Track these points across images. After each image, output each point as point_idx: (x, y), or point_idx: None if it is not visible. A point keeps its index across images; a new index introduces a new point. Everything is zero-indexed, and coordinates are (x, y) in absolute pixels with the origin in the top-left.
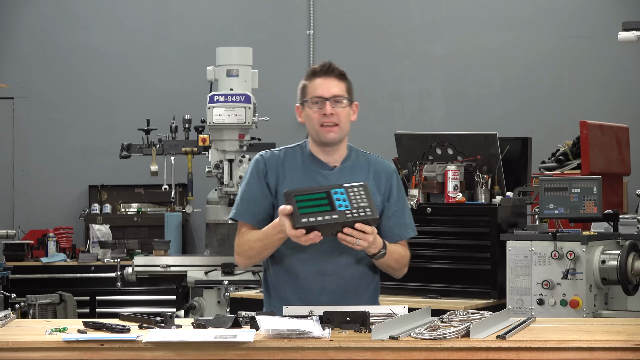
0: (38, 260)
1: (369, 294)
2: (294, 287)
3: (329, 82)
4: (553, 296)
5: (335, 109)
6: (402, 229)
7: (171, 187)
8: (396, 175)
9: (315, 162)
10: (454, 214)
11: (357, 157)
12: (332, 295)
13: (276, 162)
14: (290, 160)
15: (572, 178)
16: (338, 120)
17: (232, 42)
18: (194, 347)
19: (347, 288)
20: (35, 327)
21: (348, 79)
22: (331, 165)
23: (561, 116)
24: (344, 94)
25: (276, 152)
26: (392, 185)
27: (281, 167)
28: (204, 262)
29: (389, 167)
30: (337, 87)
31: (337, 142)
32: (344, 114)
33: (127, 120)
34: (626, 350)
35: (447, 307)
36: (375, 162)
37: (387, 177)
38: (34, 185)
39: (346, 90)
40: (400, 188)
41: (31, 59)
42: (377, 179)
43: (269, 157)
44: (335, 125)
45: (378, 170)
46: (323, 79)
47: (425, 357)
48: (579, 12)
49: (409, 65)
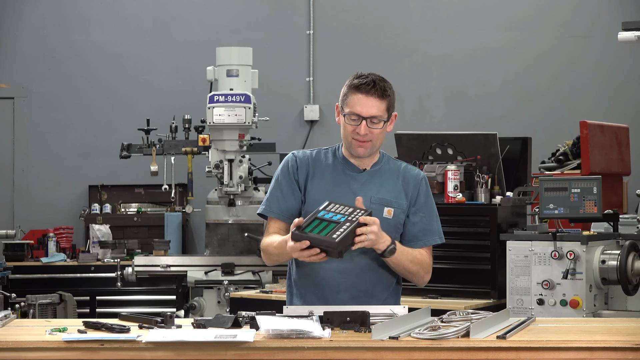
0: (38, 260)
1: (386, 296)
2: (313, 284)
3: (369, 102)
4: (553, 296)
5: (370, 129)
6: (428, 235)
7: (171, 187)
8: (425, 183)
9: (345, 165)
10: (454, 214)
11: (388, 162)
12: (349, 293)
13: (307, 161)
14: (322, 160)
15: (572, 178)
16: (371, 137)
17: (232, 42)
18: (194, 347)
19: (364, 288)
20: (35, 327)
21: (391, 94)
22: (361, 169)
23: (561, 116)
24: (382, 115)
25: (308, 152)
26: (419, 191)
27: (312, 166)
28: (204, 262)
29: (418, 174)
30: (377, 107)
31: (366, 157)
32: (378, 132)
33: (127, 120)
34: (626, 350)
35: (447, 307)
36: (405, 169)
37: (415, 183)
38: (34, 185)
39: (386, 108)
40: (428, 195)
41: (31, 59)
42: (406, 185)
43: (301, 155)
44: (368, 141)
45: (407, 177)
46: (364, 96)
47: (425, 357)
48: (579, 12)
49: (409, 65)
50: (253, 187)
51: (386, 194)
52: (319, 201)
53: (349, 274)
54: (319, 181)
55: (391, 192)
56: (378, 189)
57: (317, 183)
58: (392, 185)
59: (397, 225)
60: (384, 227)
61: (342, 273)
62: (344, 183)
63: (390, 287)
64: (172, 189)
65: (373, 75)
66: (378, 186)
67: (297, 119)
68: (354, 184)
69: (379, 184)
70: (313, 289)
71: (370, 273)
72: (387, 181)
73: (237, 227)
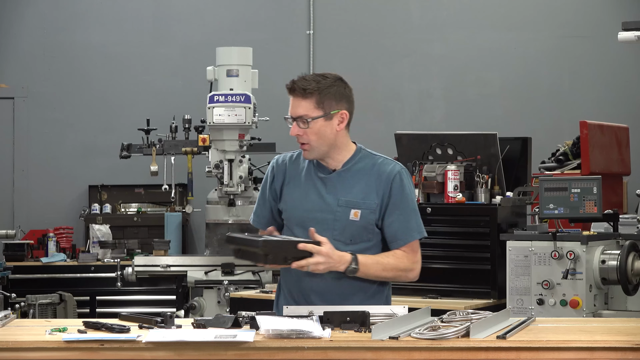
0: (38, 260)
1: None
2: (292, 285)
3: (294, 102)
4: (553, 296)
5: (302, 129)
6: (406, 234)
7: (171, 187)
8: (399, 177)
9: (317, 167)
10: (454, 214)
11: (363, 159)
12: (322, 297)
13: (284, 167)
14: (299, 163)
15: (572, 178)
16: (306, 139)
17: (232, 42)
18: (194, 347)
19: (340, 292)
20: (35, 327)
21: (320, 91)
22: (331, 169)
23: (561, 116)
24: (309, 114)
25: (289, 155)
26: (392, 188)
27: (288, 170)
28: (204, 262)
29: (391, 170)
30: (302, 107)
31: (314, 158)
32: (314, 132)
33: (127, 120)
34: (626, 350)
35: (447, 307)
36: (380, 165)
37: (387, 179)
38: (34, 185)
39: (314, 106)
40: (402, 190)
41: (31, 59)
42: (378, 181)
43: (280, 161)
44: (306, 144)
45: (380, 172)
46: (291, 98)
47: (425, 357)
48: (579, 12)
49: (409, 65)
50: (253, 187)
51: (355, 195)
52: (293, 206)
53: (321, 278)
54: (293, 187)
55: (361, 192)
56: (346, 191)
57: (291, 189)
58: (362, 185)
59: (366, 226)
60: (352, 230)
61: (314, 277)
62: (313, 187)
63: (369, 291)
64: (172, 189)
65: (304, 75)
66: (347, 187)
67: None
68: (322, 187)
69: (348, 185)
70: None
71: (347, 278)
72: (358, 181)
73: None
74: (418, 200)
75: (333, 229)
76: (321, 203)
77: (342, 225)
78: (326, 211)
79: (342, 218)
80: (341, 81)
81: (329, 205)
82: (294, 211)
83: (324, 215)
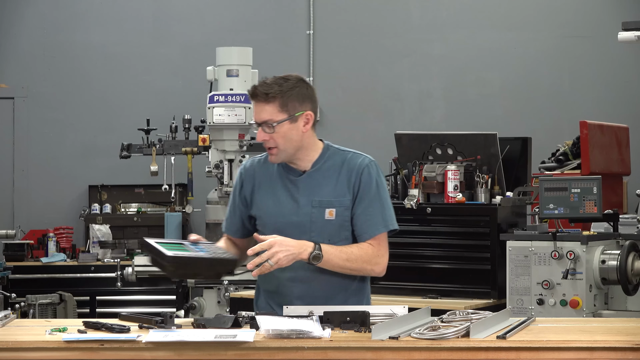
0: (38, 260)
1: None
2: (271, 292)
3: (258, 107)
4: (553, 296)
5: (268, 134)
6: (371, 227)
7: (171, 187)
8: (368, 170)
9: (287, 169)
10: (454, 214)
11: (332, 157)
12: (303, 301)
13: (252, 173)
14: (268, 167)
15: (572, 178)
16: (274, 143)
17: (232, 42)
18: (194, 347)
19: (319, 294)
20: (35, 327)
21: (283, 93)
22: (301, 170)
23: (561, 116)
24: (274, 118)
25: (257, 160)
26: (360, 181)
27: (257, 176)
28: None
29: (360, 163)
30: (266, 111)
31: (282, 162)
32: (280, 135)
33: (127, 120)
34: (626, 350)
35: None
36: (349, 160)
37: (356, 173)
38: (34, 185)
39: (278, 110)
40: (370, 182)
41: (31, 59)
42: (348, 176)
43: (247, 167)
44: (274, 148)
45: (350, 167)
46: (254, 103)
47: (425, 357)
48: (579, 12)
49: (409, 65)
50: None
51: (328, 194)
52: (267, 212)
53: (301, 281)
54: (264, 191)
55: (333, 190)
56: (319, 191)
57: (263, 194)
58: (334, 183)
59: (342, 224)
60: (329, 229)
61: (294, 281)
62: (286, 190)
63: (349, 288)
64: (172, 189)
65: (265, 79)
66: (319, 187)
67: None
68: (294, 189)
69: (320, 184)
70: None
71: (323, 278)
72: (329, 179)
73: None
74: (418, 200)
75: (310, 231)
76: (295, 206)
77: (319, 226)
78: (301, 214)
79: (317, 219)
80: (303, 82)
81: (303, 208)
82: (269, 217)
83: (300, 219)
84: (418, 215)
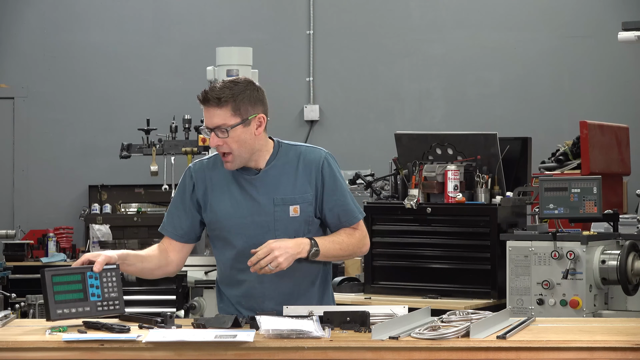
0: (38, 260)
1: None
2: (239, 296)
3: (209, 112)
4: (553, 296)
5: (222, 139)
6: (349, 216)
7: (171, 187)
8: (327, 163)
9: (241, 169)
10: (454, 214)
11: (286, 153)
12: (274, 300)
13: (203, 174)
14: (219, 168)
15: (572, 178)
16: (228, 149)
17: (232, 42)
18: (194, 347)
19: (289, 291)
20: (35, 327)
21: (234, 97)
22: (256, 169)
23: (561, 116)
24: (227, 122)
25: (205, 162)
26: (323, 175)
27: (209, 178)
28: (204, 262)
29: (318, 157)
30: (218, 116)
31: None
32: (234, 140)
33: (127, 120)
34: (626, 350)
35: (447, 307)
36: (304, 154)
37: (316, 167)
38: (34, 185)
39: (231, 114)
40: (333, 175)
41: (31, 59)
42: (308, 171)
43: (197, 168)
44: (228, 154)
45: (307, 162)
46: (205, 109)
47: (425, 357)
48: (579, 12)
49: (409, 65)
50: None
51: (288, 190)
52: (224, 215)
53: (270, 281)
54: (219, 194)
55: (293, 186)
56: (278, 188)
57: (218, 197)
58: (292, 179)
59: (307, 220)
60: (294, 226)
61: (263, 282)
62: (242, 190)
63: (316, 281)
64: (172, 189)
65: (215, 84)
66: (277, 185)
67: (297, 119)
68: (251, 189)
69: (277, 182)
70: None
71: (290, 275)
72: (287, 176)
73: None
74: (418, 200)
75: (275, 229)
76: (256, 206)
77: (284, 224)
78: (263, 213)
79: (281, 217)
80: (253, 85)
81: (265, 207)
82: (227, 220)
83: (262, 218)
84: (418, 215)
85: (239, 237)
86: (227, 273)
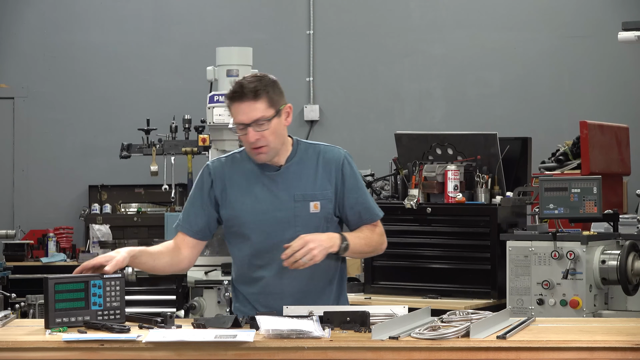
0: (38, 260)
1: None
2: (256, 293)
3: (246, 107)
4: (553, 296)
5: (259, 132)
6: (370, 214)
7: (171, 187)
8: (347, 162)
9: (259, 166)
10: (454, 214)
11: (306, 151)
12: (293, 297)
13: (222, 171)
14: (238, 165)
15: (572, 178)
16: (266, 141)
17: (232, 42)
18: (194, 347)
19: (308, 289)
20: (35, 327)
21: (268, 89)
22: (276, 166)
23: (561, 116)
24: (265, 115)
25: (223, 159)
26: (343, 173)
27: (227, 175)
28: (204, 262)
29: (337, 155)
30: (256, 109)
31: (270, 159)
32: (271, 132)
33: (127, 120)
34: (626, 350)
35: (447, 307)
36: (324, 152)
37: (336, 166)
38: (34, 185)
39: (267, 106)
40: (353, 174)
41: (31, 59)
42: (327, 170)
43: (215, 166)
44: (264, 146)
45: (327, 160)
46: (239, 104)
47: (425, 357)
48: (579, 12)
49: (409, 65)
50: None
51: (308, 187)
52: (245, 211)
53: (290, 277)
54: (238, 190)
55: (313, 183)
56: (299, 184)
57: (236, 193)
58: (312, 176)
59: (327, 216)
60: (314, 222)
61: (282, 279)
62: (263, 186)
63: (334, 279)
64: (172, 189)
65: (243, 80)
66: (297, 181)
67: (297, 119)
68: (272, 185)
69: (298, 178)
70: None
71: (309, 272)
72: (307, 172)
73: None
74: (418, 200)
75: (295, 225)
76: (276, 201)
77: (304, 220)
78: (284, 209)
79: (302, 213)
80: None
81: (285, 202)
82: (247, 216)
83: (283, 214)
84: (418, 215)
85: (257, 234)
86: (244, 271)
